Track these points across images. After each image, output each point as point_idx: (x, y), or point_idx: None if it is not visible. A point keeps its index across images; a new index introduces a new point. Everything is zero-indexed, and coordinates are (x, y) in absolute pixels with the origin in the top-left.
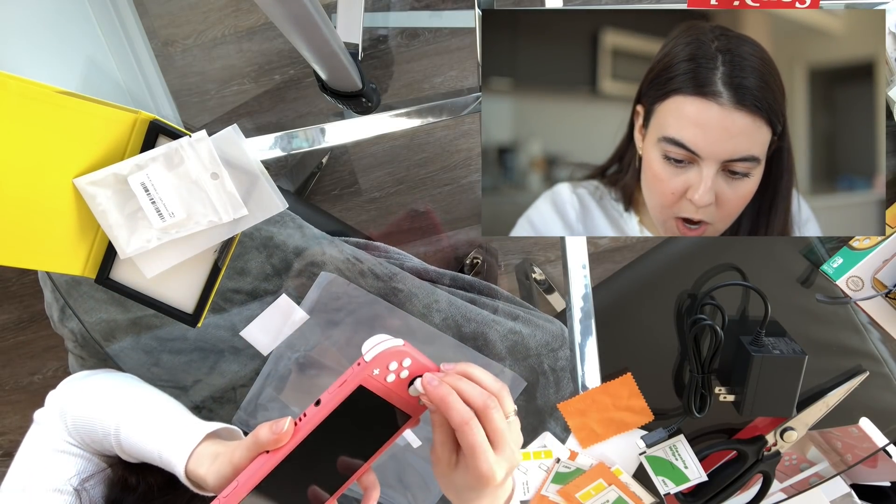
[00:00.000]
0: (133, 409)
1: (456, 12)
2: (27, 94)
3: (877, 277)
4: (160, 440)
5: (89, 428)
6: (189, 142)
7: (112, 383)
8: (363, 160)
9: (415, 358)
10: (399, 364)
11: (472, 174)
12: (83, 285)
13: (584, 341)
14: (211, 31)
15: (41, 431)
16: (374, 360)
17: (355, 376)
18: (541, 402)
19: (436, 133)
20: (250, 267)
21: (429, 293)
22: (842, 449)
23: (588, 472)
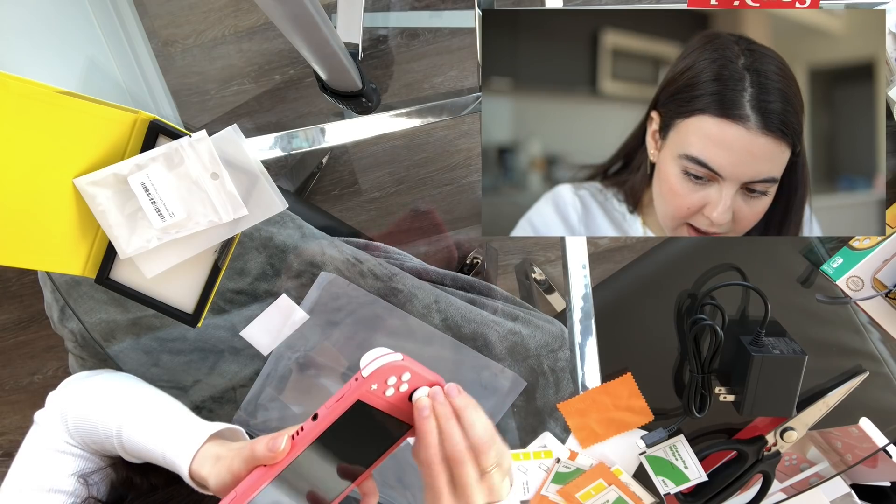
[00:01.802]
0: (135, 409)
1: (456, 12)
2: (27, 94)
3: (877, 277)
4: (164, 441)
5: (91, 429)
6: (189, 142)
7: (113, 384)
8: (363, 160)
9: (414, 371)
10: (398, 378)
11: (472, 174)
12: (83, 285)
13: (584, 341)
14: (211, 31)
15: (42, 432)
16: (371, 376)
17: (353, 392)
18: (540, 403)
19: (436, 133)
20: (250, 267)
21: (428, 293)
22: (842, 449)
23: (588, 472)
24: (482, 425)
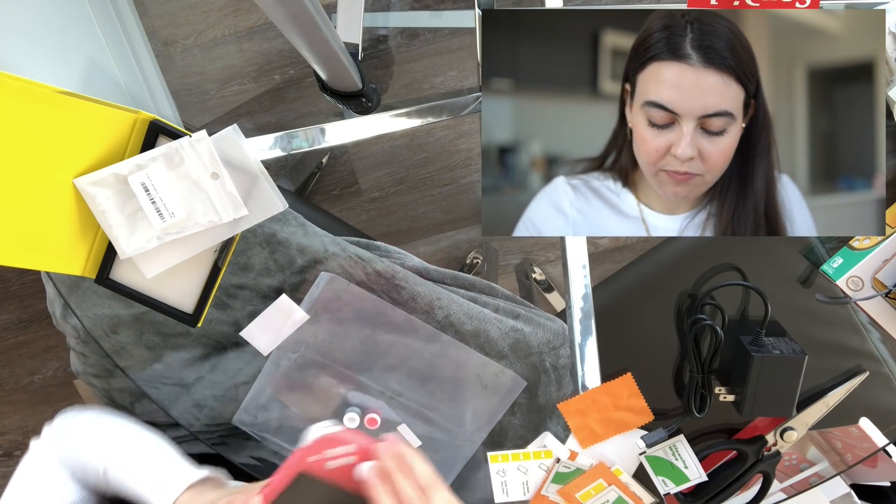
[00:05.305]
0: (122, 449)
1: (456, 12)
2: (27, 94)
3: (877, 277)
4: (145, 485)
5: (81, 463)
6: (189, 142)
7: (104, 421)
8: (363, 160)
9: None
10: (338, 451)
11: (472, 174)
12: (85, 281)
13: (584, 341)
14: (211, 31)
15: (35, 461)
16: (310, 447)
17: (294, 465)
18: (542, 400)
19: (436, 133)
20: (253, 262)
21: (431, 291)
22: (842, 449)
23: (588, 472)
24: (426, 469)
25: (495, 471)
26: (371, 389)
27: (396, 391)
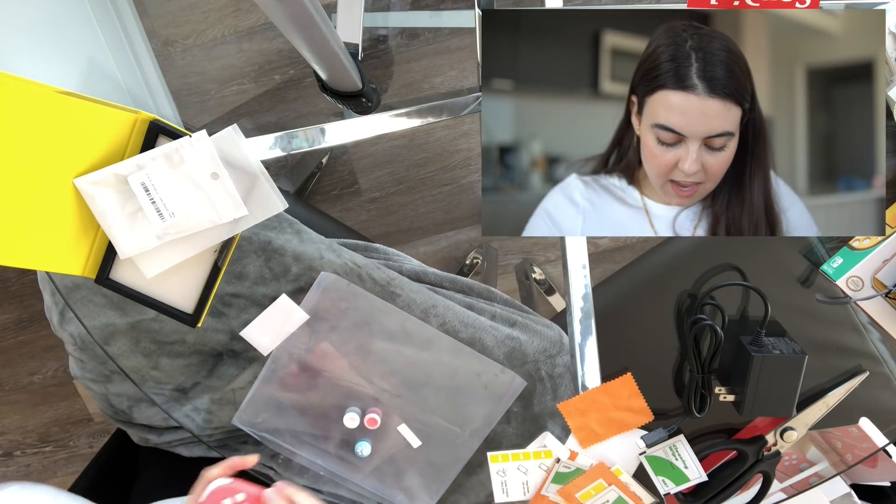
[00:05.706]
0: None
1: (456, 12)
2: (27, 93)
3: (877, 277)
4: None
5: None
6: (189, 142)
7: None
8: (363, 160)
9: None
10: (233, 500)
11: (472, 174)
12: (82, 289)
13: (583, 341)
14: (211, 31)
15: None
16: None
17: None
18: (538, 409)
19: (436, 133)
20: (248, 271)
21: (426, 298)
22: (842, 449)
23: (588, 472)
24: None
25: (495, 471)
26: (371, 389)
27: (396, 391)
